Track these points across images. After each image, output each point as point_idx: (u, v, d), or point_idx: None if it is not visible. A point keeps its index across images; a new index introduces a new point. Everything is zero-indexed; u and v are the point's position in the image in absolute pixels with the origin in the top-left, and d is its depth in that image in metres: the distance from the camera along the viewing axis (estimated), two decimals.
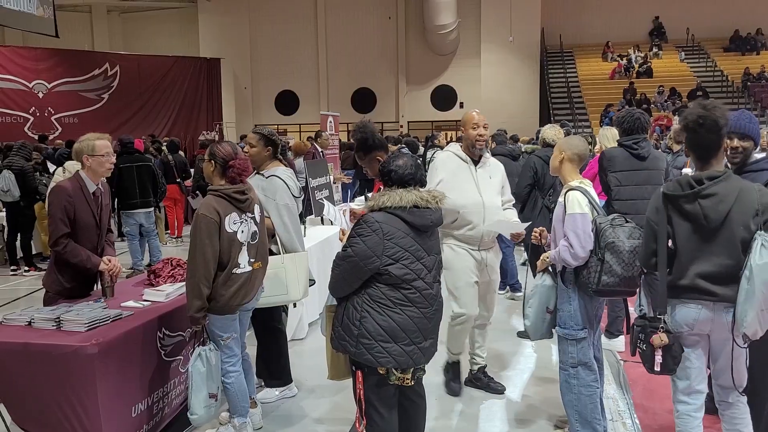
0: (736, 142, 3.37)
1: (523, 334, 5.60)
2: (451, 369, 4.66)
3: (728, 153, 3.37)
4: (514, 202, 4.60)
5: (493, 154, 7.43)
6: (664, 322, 3.02)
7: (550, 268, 3.67)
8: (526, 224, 4.23)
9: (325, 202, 7.52)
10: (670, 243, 3.03)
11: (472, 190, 4.28)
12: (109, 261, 3.93)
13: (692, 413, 3.09)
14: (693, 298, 2.93)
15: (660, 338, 2.99)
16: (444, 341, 4.22)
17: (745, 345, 2.91)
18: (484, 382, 4.66)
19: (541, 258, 3.65)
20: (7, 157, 9.48)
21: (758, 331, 2.80)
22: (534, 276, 3.82)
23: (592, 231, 3.34)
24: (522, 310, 3.81)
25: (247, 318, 3.98)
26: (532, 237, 3.80)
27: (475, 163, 4.37)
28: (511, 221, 4.30)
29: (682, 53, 25.71)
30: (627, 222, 3.36)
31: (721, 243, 2.87)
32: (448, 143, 11.99)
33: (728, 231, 2.86)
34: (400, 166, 3.11)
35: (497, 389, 4.61)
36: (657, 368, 3.03)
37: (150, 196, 8.52)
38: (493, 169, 4.44)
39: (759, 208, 2.84)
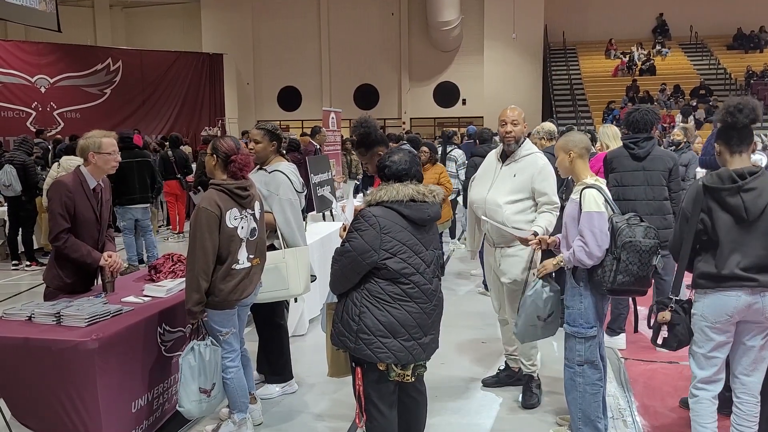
0: None
1: None
2: (506, 369, 4.66)
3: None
4: (556, 204, 4.08)
5: (472, 155, 7.31)
6: (676, 302, 3.17)
7: (554, 273, 3.62)
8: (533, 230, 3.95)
9: (334, 200, 7.50)
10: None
11: (485, 186, 4.22)
12: (110, 256, 3.93)
13: (710, 399, 3.16)
14: (733, 286, 3.01)
15: (663, 316, 3.18)
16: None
17: None
18: (505, 382, 4.59)
19: (549, 262, 3.56)
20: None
21: None
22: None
23: (608, 230, 3.33)
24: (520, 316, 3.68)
25: (245, 313, 3.97)
26: (530, 242, 3.74)
27: (504, 159, 4.24)
28: (508, 227, 3.99)
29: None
30: (642, 222, 3.36)
31: (759, 235, 2.99)
32: (461, 140, 12.08)
33: (765, 224, 2.99)
34: (395, 161, 3.12)
35: (529, 403, 4.31)
36: (659, 341, 3.25)
37: (148, 192, 8.52)
38: (523, 167, 4.13)
39: None
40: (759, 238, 2.98)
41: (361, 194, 8.64)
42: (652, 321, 3.32)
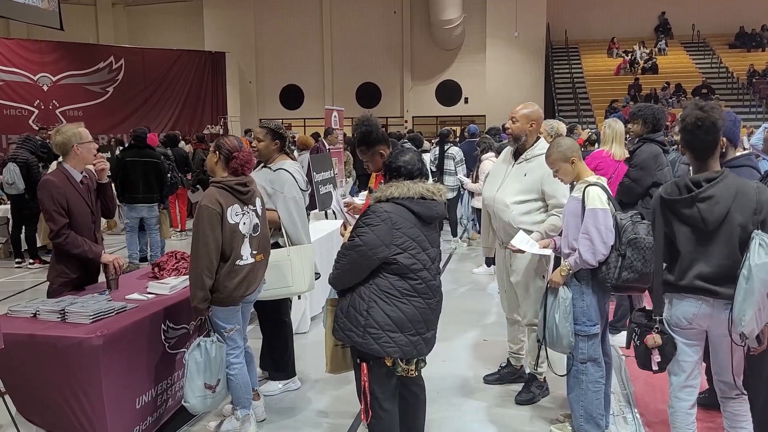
0: None
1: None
2: (507, 365, 4.68)
3: None
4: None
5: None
6: (660, 322, 3.04)
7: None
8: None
9: (333, 192, 7.54)
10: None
11: (495, 184, 4.25)
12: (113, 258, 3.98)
13: (687, 410, 3.09)
14: (693, 294, 2.94)
15: (654, 339, 3.03)
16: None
17: (743, 344, 2.89)
18: (507, 379, 4.62)
19: (556, 274, 3.54)
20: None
21: (755, 329, 2.81)
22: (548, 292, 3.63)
23: (613, 226, 3.33)
24: (555, 329, 3.53)
25: (248, 310, 4.00)
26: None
27: (516, 158, 4.23)
28: (514, 227, 3.98)
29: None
30: (643, 220, 3.37)
31: (720, 244, 2.87)
32: (457, 138, 12.13)
33: (726, 232, 2.86)
34: (407, 161, 3.18)
35: (521, 398, 4.33)
36: (654, 367, 3.07)
37: (154, 191, 8.46)
38: (534, 167, 4.07)
39: (757, 206, 2.84)
40: (720, 247, 2.86)
41: (364, 193, 8.66)
42: (635, 341, 3.14)
